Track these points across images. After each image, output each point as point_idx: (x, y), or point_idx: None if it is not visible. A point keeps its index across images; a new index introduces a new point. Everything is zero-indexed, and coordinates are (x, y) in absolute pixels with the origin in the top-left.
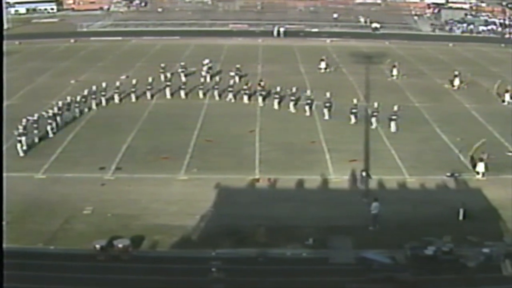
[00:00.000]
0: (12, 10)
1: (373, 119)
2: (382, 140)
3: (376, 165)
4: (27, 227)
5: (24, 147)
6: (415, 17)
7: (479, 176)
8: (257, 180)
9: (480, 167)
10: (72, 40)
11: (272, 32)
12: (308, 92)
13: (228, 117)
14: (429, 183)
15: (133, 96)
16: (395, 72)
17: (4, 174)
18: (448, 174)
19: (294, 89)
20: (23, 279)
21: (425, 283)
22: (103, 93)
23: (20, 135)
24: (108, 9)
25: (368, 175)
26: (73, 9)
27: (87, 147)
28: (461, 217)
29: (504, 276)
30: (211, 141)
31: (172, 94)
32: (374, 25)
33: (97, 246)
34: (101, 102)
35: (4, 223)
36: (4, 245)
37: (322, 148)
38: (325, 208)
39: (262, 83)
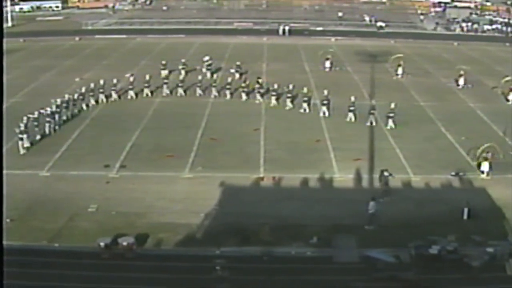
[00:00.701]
0: (17, 7)
1: (371, 117)
2: (386, 139)
3: (381, 164)
4: (31, 224)
5: (26, 145)
6: (421, 16)
7: (484, 176)
8: (262, 178)
9: (485, 166)
10: (76, 38)
11: (277, 31)
12: (305, 90)
13: (232, 115)
14: (433, 182)
15: (132, 93)
16: (400, 71)
17: (5, 172)
18: (453, 173)
19: (290, 86)
20: (27, 276)
21: (429, 282)
22: (101, 90)
23: (21, 132)
24: (113, 7)
25: (390, 174)
26: (78, 7)
27: (91, 145)
28: (465, 216)
29: (508, 276)
30: (216, 139)
31: (170, 92)
32: (379, 23)
33: (102, 244)
34: (98, 99)
35: (8, 220)
36: (7, 242)
37: (327, 146)
38: (330, 207)
39: (260, 81)
